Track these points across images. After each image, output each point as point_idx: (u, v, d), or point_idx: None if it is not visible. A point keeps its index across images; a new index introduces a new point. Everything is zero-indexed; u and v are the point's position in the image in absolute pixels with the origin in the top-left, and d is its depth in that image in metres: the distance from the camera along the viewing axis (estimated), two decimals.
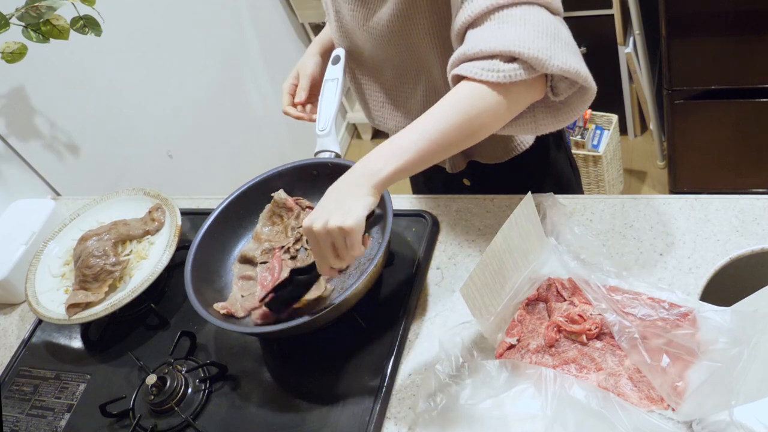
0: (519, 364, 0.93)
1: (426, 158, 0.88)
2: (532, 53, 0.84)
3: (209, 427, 1.03)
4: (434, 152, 0.88)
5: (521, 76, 0.86)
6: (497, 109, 0.88)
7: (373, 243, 1.14)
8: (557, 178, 1.32)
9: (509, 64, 0.86)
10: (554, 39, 0.87)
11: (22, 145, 1.54)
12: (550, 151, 1.29)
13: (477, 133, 0.90)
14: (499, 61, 0.86)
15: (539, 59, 0.85)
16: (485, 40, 0.87)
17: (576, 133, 2.31)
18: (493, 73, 0.86)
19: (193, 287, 1.06)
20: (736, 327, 0.84)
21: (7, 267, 1.34)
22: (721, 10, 1.79)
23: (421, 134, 0.88)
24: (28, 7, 1.30)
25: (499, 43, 0.86)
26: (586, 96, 0.93)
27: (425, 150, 0.87)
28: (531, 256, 1.00)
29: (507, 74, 0.86)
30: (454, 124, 0.87)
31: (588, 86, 0.91)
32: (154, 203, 1.34)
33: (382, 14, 1.05)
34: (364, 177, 0.87)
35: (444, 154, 0.90)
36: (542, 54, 0.85)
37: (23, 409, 1.17)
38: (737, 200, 1.06)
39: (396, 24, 1.04)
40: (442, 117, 0.88)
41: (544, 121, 0.96)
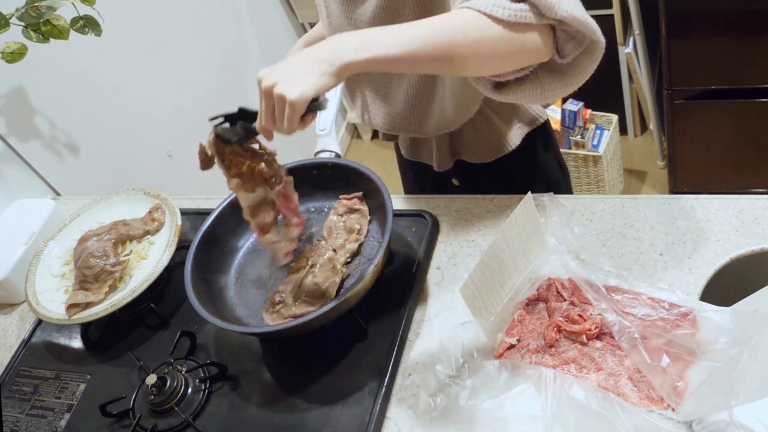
0: (519, 365, 0.93)
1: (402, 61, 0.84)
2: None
3: (209, 427, 1.03)
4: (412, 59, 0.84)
5: (528, 18, 0.83)
6: (498, 45, 0.84)
7: (373, 243, 1.14)
8: (546, 179, 1.32)
9: (518, 4, 0.83)
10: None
11: (22, 145, 1.54)
12: (537, 152, 1.30)
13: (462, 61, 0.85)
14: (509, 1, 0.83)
15: (548, 3, 0.81)
16: None
17: (576, 133, 2.31)
18: (501, 9, 0.82)
19: (193, 287, 1.06)
20: (736, 327, 0.83)
21: (7, 267, 1.34)
22: (721, 10, 1.79)
23: (407, 35, 0.83)
24: (28, 7, 1.30)
25: None
26: (595, 54, 0.89)
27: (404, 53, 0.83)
28: (531, 256, 1.00)
29: (514, 13, 0.82)
30: (444, 38, 0.83)
31: (597, 40, 0.87)
32: (154, 203, 1.34)
33: (367, 7, 1.05)
34: (332, 55, 0.83)
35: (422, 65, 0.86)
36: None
37: (23, 409, 1.17)
38: (737, 200, 1.06)
39: (381, 17, 1.04)
40: (437, 27, 0.84)
41: (550, 85, 0.92)
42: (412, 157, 1.35)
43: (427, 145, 1.30)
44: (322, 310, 0.96)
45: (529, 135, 1.25)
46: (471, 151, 1.26)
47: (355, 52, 0.82)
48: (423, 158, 1.33)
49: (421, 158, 1.33)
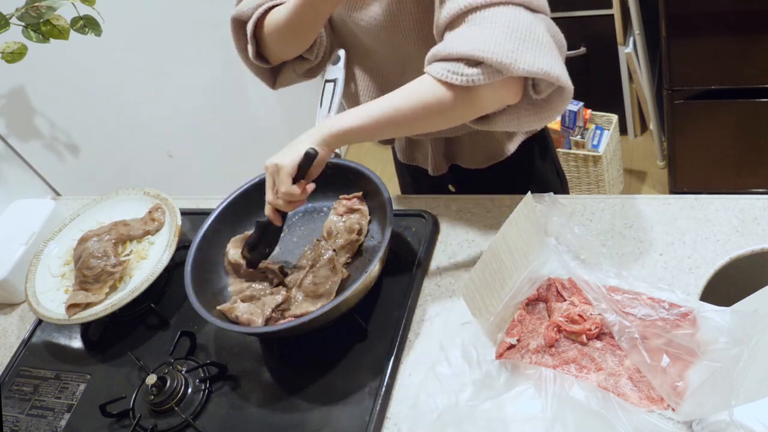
0: (519, 365, 0.93)
1: (377, 129, 0.96)
2: (495, 58, 0.85)
3: (209, 427, 1.03)
4: (386, 126, 0.96)
5: (481, 81, 0.88)
6: (456, 108, 0.92)
7: (373, 243, 1.14)
8: (542, 187, 1.32)
9: (472, 69, 0.88)
10: (523, 41, 0.87)
11: (22, 145, 1.54)
12: (534, 160, 1.30)
13: (435, 121, 0.95)
14: (464, 64, 0.88)
15: (503, 63, 0.86)
16: (453, 42, 0.89)
17: (576, 133, 2.31)
18: (456, 76, 0.89)
19: (193, 287, 1.06)
20: (736, 327, 0.83)
21: (7, 267, 1.34)
22: (721, 10, 1.79)
23: (379, 108, 0.95)
24: (28, 7, 1.30)
25: (465, 47, 0.87)
26: (564, 95, 0.94)
27: (380, 122, 0.95)
28: (531, 256, 1.00)
29: (468, 78, 0.88)
30: (411, 107, 0.93)
31: (562, 85, 0.91)
32: (154, 203, 1.34)
33: (370, 9, 1.05)
34: (318, 129, 0.98)
35: (397, 131, 0.99)
36: (506, 58, 0.85)
37: (23, 409, 1.17)
38: (737, 200, 1.06)
39: (382, 19, 1.05)
40: (402, 99, 0.94)
41: (526, 118, 0.97)
42: (407, 160, 1.35)
43: (423, 149, 1.30)
44: (322, 310, 0.96)
45: (525, 142, 1.25)
46: (466, 157, 1.26)
47: (330, 128, 0.97)
48: (419, 161, 1.33)
49: (417, 161, 1.33)
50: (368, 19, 1.07)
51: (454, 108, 0.92)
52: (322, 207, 1.22)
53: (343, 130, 0.96)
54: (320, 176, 1.19)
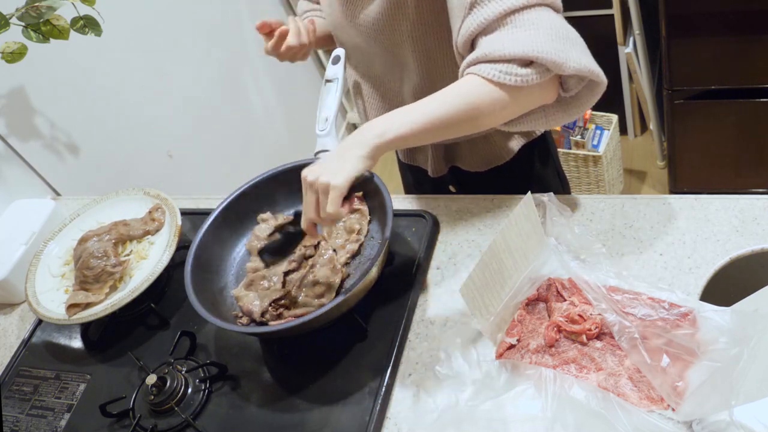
0: (519, 365, 0.93)
1: (427, 134, 0.92)
2: (549, 57, 0.86)
3: (209, 427, 1.03)
4: (435, 131, 0.91)
5: (536, 80, 0.88)
6: (505, 108, 0.91)
7: (373, 243, 1.14)
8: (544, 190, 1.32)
9: (525, 69, 0.88)
10: (566, 40, 0.89)
11: (22, 145, 1.54)
12: (534, 163, 1.30)
13: (481, 123, 0.93)
14: (516, 65, 0.88)
15: (556, 62, 0.87)
16: (502, 44, 0.88)
17: (576, 133, 2.31)
18: (510, 77, 0.88)
19: (193, 287, 1.06)
20: (736, 327, 0.83)
21: (7, 267, 1.34)
22: (721, 10, 1.79)
23: (428, 110, 0.91)
24: (28, 7, 1.30)
25: (516, 48, 0.87)
26: (597, 89, 0.95)
27: (428, 126, 0.90)
28: (531, 256, 1.00)
29: (523, 78, 0.88)
30: (461, 110, 0.90)
31: (599, 81, 0.93)
32: (154, 203, 1.34)
33: (369, 11, 1.06)
34: (367, 139, 0.91)
35: (444, 135, 0.93)
36: (558, 57, 0.87)
37: (23, 409, 1.17)
38: (737, 200, 1.06)
39: (381, 22, 1.06)
40: (452, 100, 0.90)
41: (554, 116, 0.98)
42: (409, 161, 1.35)
43: (423, 151, 1.31)
44: (322, 310, 0.96)
45: (526, 146, 1.26)
46: (465, 159, 1.27)
47: (380, 137, 0.90)
48: (420, 162, 1.33)
49: (418, 162, 1.34)
50: (367, 21, 1.07)
51: (505, 107, 0.91)
52: None
53: (393, 139, 0.91)
54: None
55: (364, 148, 0.90)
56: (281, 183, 1.19)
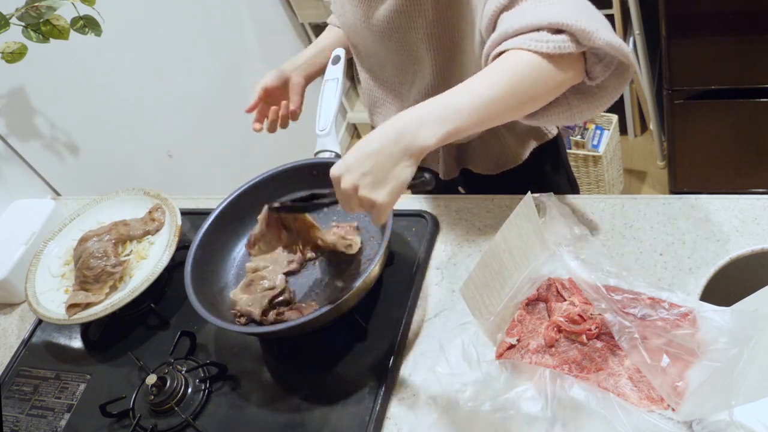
0: (519, 365, 0.93)
1: (476, 125, 0.82)
2: (579, 25, 0.82)
3: (209, 427, 1.03)
4: (483, 119, 0.82)
5: (570, 48, 0.83)
6: (548, 81, 0.84)
7: (373, 243, 1.14)
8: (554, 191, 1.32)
9: (558, 35, 0.83)
10: (593, 16, 0.85)
11: (22, 145, 1.54)
12: (545, 166, 1.29)
13: (527, 105, 0.86)
14: (547, 32, 0.83)
15: (587, 31, 0.82)
16: (528, 15, 0.84)
17: (576, 133, 2.31)
18: (543, 44, 0.82)
19: (193, 287, 1.06)
20: (736, 327, 0.83)
21: (7, 267, 1.34)
22: (721, 10, 1.79)
23: (475, 97, 0.81)
24: (28, 7, 1.30)
25: (545, 17, 0.83)
26: (626, 75, 0.90)
27: (478, 116, 0.81)
28: (531, 256, 1.00)
29: (557, 45, 0.83)
30: (508, 90, 0.82)
31: (628, 63, 0.88)
32: (154, 203, 1.34)
33: (383, 9, 1.05)
34: (410, 144, 0.79)
35: (489, 123, 0.84)
36: (589, 27, 0.82)
37: (23, 409, 1.17)
38: (737, 200, 1.06)
39: (396, 20, 1.04)
40: (494, 82, 0.82)
41: (579, 107, 0.92)
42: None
43: (434, 152, 1.29)
44: (322, 310, 0.96)
45: (537, 150, 1.25)
46: (477, 162, 1.26)
47: (427, 137, 0.80)
48: (429, 164, 1.33)
49: (428, 164, 1.33)
50: (381, 20, 1.06)
51: (546, 80, 0.84)
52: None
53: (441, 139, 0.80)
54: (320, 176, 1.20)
55: (410, 155, 0.80)
56: (281, 183, 1.19)
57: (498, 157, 1.24)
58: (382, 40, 1.09)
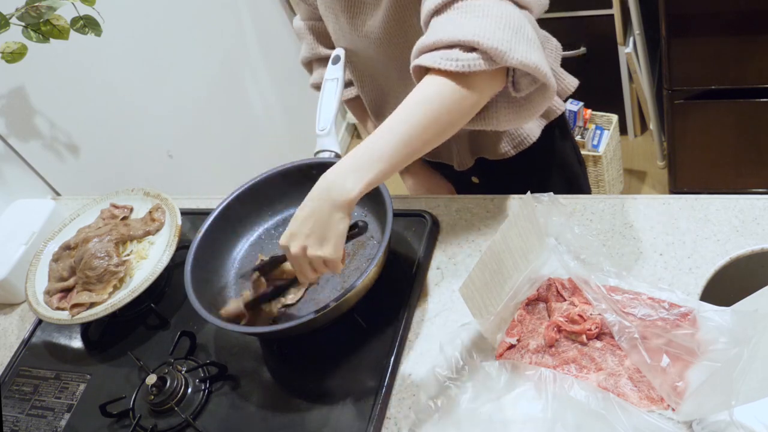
0: (519, 365, 0.93)
1: (397, 166, 0.86)
2: (491, 44, 0.82)
3: (209, 427, 1.03)
4: (405, 157, 0.86)
5: (480, 66, 0.83)
6: (462, 103, 0.86)
7: (373, 243, 1.14)
8: (565, 171, 1.32)
9: (469, 54, 0.84)
10: (516, 32, 0.85)
11: (22, 145, 1.54)
12: (556, 144, 1.29)
13: (446, 131, 0.88)
14: (459, 50, 0.84)
15: (499, 50, 0.83)
16: (445, 29, 0.85)
17: (576, 133, 2.30)
18: (453, 62, 0.84)
19: (193, 287, 1.06)
20: (736, 327, 0.83)
21: (7, 267, 1.34)
22: (721, 10, 1.79)
23: (391, 139, 0.85)
24: (28, 7, 1.30)
25: (458, 33, 0.84)
26: (547, 93, 0.91)
27: (397, 157, 0.85)
28: (531, 256, 1.00)
29: (466, 63, 0.83)
30: (422, 124, 0.85)
31: (547, 83, 0.89)
32: (154, 203, 1.34)
33: (375, 20, 1.05)
34: (337, 198, 0.85)
35: (413, 157, 0.88)
36: (502, 46, 0.83)
37: (23, 409, 1.17)
38: (737, 200, 1.06)
39: (391, 25, 1.04)
40: (411, 117, 0.85)
41: (506, 117, 0.95)
42: (430, 157, 1.34)
43: (447, 146, 1.29)
44: (322, 311, 0.96)
45: (547, 127, 1.25)
46: (492, 149, 1.25)
47: (352, 188, 0.84)
48: (442, 158, 1.32)
49: (440, 158, 1.32)
50: (376, 27, 1.06)
51: (461, 104, 0.86)
52: None
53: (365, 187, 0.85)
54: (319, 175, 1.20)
55: (341, 207, 0.85)
56: (281, 183, 1.19)
57: (512, 139, 1.23)
58: (382, 47, 1.09)
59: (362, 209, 1.18)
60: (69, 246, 1.29)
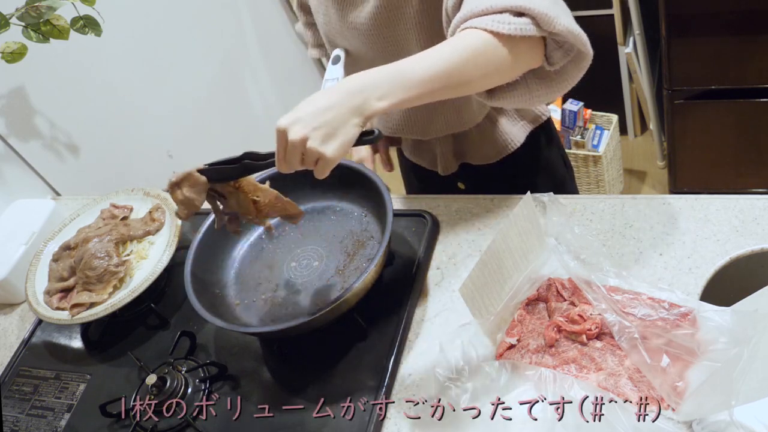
0: (519, 365, 0.93)
1: (427, 96, 0.85)
2: (541, 9, 0.84)
3: (209, 427, 1.03)
4: (437, 90, 0.85)
5: (531, 31, 0.85)
6: (503, 61, 0.86)
7: (373, 243, 1.14)
8: (551, 176, 1.32)
9: (519, 18, 0.85)
10: (556, 2, 0.87)
11: (22, 145, 1.54)
12: (541, 150, 1.30)
13: (479, 81, 0.88)
14: (509, 15, 0.85)
15: (548, 16, 0.84)
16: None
17: (576, 133, 2.31)
18: (505, 25, 0.84)
19: (193, 287, 1.06)
20: (736, 327, 0.83)
21: (7, 267, 1.34)
22: (721, 10, 1.79)
23: (427, 69, 0.84)
24: (28, 7, 1.30)
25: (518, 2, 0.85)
26: (583, 63, 0.92)
27: (430, 86, 0.84)
28: (531, 256, 1.00)
29: (518, 27, 0.85)
30: (461, 64, 0.85)
31: (586, 51, 0.90)
32: (154, 203, 1.34)
33: (367, 8, 1.05)
34: (361, 103, 0.82)
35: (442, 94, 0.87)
36: (551, 11, 0.85)
37: (23, 409, 1.17)
38: (737, 200, 1.06)
39: (382, 16, 1.04)
40: (452, 55, 0.85)
41: (538, 91, 0.95)
42: (415, 159, 1.35)
43: (430, 149, 1.30)
44: (322, 311, 0.96)
45: (532, 133, 1.26)
46: (476, 153, 1.26)
47: (380, 100, 0.82)
48: (426, 163, 1.32)
49: (424, 163, 1.33)
50: (367, 18, 1.06)
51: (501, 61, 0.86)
52: (322, 207, 1.22)
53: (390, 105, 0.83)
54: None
55: (361, 114, 0.82)
56: (281, 183, 1.19)
57: (496, 144, 1.24)
58: (369, 40, 1.09)
59: (362, 209, 1.18)
60: (69, 246, 1.29)
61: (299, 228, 1.20)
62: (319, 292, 1.10)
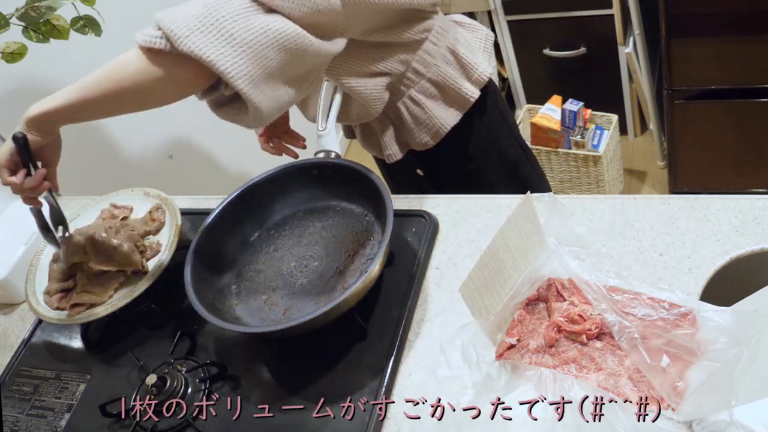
0: (519, 365, 0.93)
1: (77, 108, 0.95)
2: (168, 26, 0.86)
3: (209, 427, 1.03)
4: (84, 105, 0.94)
5: (159, 44, 0.87)
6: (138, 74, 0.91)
7: (373, 243, 1.14)
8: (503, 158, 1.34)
9: (157, 31, 0.88)
10: (212, 25, 0.86)
11: None
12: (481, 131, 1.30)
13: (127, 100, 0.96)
14: (153, 27, 0.89)
15: (173, 34, 0.86)
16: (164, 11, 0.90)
17: (576, 133, 2.31)
18: (141, 36, 0.89)
19: (193, 287, 1.06)
20: (736, 327, 0.83)
21: (7, 267, 1.34)
22: (721, 10, 1.79)
23: (79, 86, 0.94)
24: (28, 7, 1.30)
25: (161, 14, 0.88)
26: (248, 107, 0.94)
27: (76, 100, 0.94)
28: (531, 256, 1.00)
29: (150, 39, 0.88)
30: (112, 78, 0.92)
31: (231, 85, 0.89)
32: (154, 203, 1.34)
33: None
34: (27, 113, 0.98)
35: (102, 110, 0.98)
36: (180, 31, 0.85)
37: (23, 409, 1.17)
38: (737, 200, 1.06)
39: None
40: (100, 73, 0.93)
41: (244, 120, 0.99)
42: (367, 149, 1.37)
43: (375, 138, 1.31)
44: (322, 310, 0.96)
45: (466, 115, 1.26)
46: (413, 140, 1.28)
47: (37, 107, 0.96)
48: (375, 152, 1.34)
49: (374, 152, 1.35)
50: None
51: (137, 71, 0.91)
52: (322, 207, 1.22)
53: (41, 112, 0.97)
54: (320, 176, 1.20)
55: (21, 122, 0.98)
56: (281, 183, 1.20)
57: (429, 129, 1.25)
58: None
59: (362, 209, 1.18)
60: None
61: (299, 228, 1.21)
62: (319, 292, 1.10)
